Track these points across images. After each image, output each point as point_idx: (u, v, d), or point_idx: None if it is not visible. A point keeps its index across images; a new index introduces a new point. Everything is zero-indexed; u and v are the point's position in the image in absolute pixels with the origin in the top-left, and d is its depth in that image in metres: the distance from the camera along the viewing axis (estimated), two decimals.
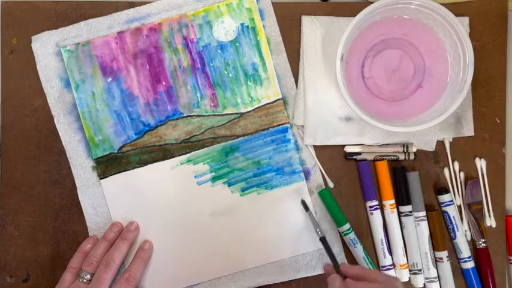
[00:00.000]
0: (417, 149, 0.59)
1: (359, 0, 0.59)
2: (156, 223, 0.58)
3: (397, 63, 0.58)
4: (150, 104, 0.59)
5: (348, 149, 0.59)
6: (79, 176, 0.59)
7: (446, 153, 0.59)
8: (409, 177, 0.58)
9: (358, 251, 0.57)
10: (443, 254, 0.58)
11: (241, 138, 0.59)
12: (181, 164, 0.59)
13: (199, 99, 0.59)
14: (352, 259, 0.58)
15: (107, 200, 0.59)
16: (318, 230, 0.56)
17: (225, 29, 0.59)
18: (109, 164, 0.59)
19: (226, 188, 0.59)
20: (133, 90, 0.59)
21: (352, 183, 0.59)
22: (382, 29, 0.58)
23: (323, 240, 0.55)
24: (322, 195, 0.58)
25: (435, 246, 0.58)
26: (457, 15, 0.55)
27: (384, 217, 0.58)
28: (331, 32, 0.59)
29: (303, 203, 0.58)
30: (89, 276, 0.54)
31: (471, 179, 0.59)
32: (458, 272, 0.59)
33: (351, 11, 0.59)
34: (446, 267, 0.58)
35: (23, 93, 0.59)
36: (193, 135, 0.59)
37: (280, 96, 0.59)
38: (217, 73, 0.59)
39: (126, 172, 0.59)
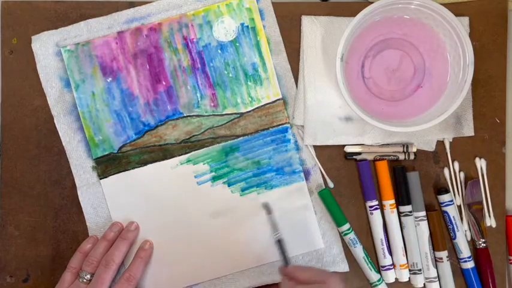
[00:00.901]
0: (417, 149, 0.59)
1: (359, 0, 0.59)
2: (156, 223, 0.59)
3: (397, 63, 0.58)
4: (150, 104, 0.59)
5: (348, 149, 0.59)
6: (79, 176, 0.59)
7: (446, 153, 0.59)
8: (409, 177, 0.58)
9: (358, 251, 0.57)
10: (443, 254, 0.58)
11: (241, 138, 0.59)
12: (181, 164, 0.59)
13: (199, 99, 0.59)
14: (352, 259, 0.58)
15: (107, 200, 0.59)
16: (276, 233, 0.56)
17: (225, 29, 0.59)
18: (109, 164, 0.59)
19: (226, 188, 0.59)
20: (134, 90, 0.59)
21: (352, 183, 0.59)
22: (382, 29, 0.58)
23: (279, 242, 0.55)
24: (322, 195, 0.58)
25: (435, 246, 0.58)
26: (457, 15, 0.55)
27: (384, 217, 0.58)
28: (331, 32, 0.59)
29: (266, 206, 0.58)
30: (89, 276, 0.54)
31: (471, 179, 0.59)
32: (458, 272, 0.59)
33: (351, 11, 0.59)
34: (446, 267, 0.58)
35: (23, 93, 0.59)
36: (193, 135, 0.59)
37: (280, 96, 0.59)
38: (217, 73, 0.59)
39: (126, 172, 0.59)
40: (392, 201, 0.58)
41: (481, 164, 0.59)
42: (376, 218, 0.58)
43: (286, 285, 0.49)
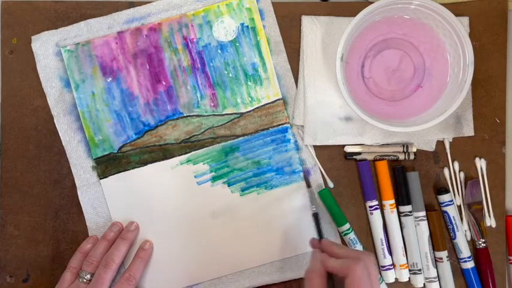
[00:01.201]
0: (417, 149, 0.59)
1: (359, 0, 0.59)
2: (156, 223, 0.59)
3: (397, 63, 0.58)
4: (150, 104, 0.59)
5: (348, 149, 0.59)
6: (79, 175, 0.59)
7: (446, 153, 0.59)
8: (409, 177, 0.58)
9: None
10: (443, 254, 0.58)
11: (241, 138, 0.59)
12: (181, 164, 0.59)
13: (199, 99, 0.59)
14: None
15: (107, 200, 0.59)
16: (313, 206, 0.56)
17: (225, 29, 0.59)
18: (109, 164, 0.59)
19: (226, 188, 0.59)
20: (133, 90, 0.59)
21: (352, 183, 0.59)
22: (382, 29, 0.58)
23: (315, 216, 0.56)
24: (322, 195, 0.58)
25: (435, 246, 0.58)
26: (457, 15, 0.55)
27: (384, 217, 0.58)
28: (331, 32, 0.59)
29: (307, 179, 0.58)
30: (88, 276, 0.54)
31: (471, 179, 0.59)
32: (458, 272, 0.59)
33: (351, 11, 0.59)
34: (446, 267, 0.58)
35: (23, 93, 0.59)
36: (193, 135, 0.59)
37: (280, 96, 0.59)
38: (217, 73, 0.59)
39: (126, 172, 0.59)
40: (392, 201, 0.58)
41: (481, 164, 0.59)
42: (376, 218, 0.58)
43: (318, 257, 0.49)
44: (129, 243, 0.57)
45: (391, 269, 0.58)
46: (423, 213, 0.58)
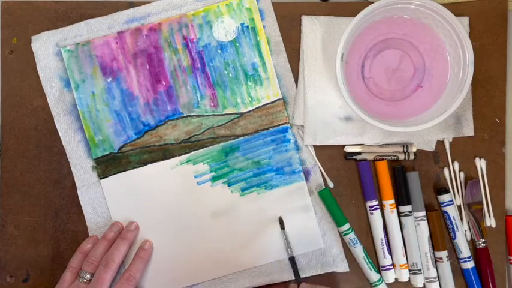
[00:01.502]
0: (417, 149, 0.59)
1: (359, 0, 0.59)
2: (156, 223, 0.59)
3: (397, 63, 0.58)
4: (150, 104, 0.59)
5: (348, 149, 0.59)
6: (79, 175, 0.59)
7: (446, 153, 0.59)
8: (409, 177, 0.58)
9: (358, 251, 0.57)
10: (443, 254, 0.58)
11: (241, 138, 0.59)
12: (181, 164, 0.59)
13: (199, 99, 0.59)
14: (352, 259, 0.58)
15: (106, 200, 0.59)
16: (288, 249, 0.57)
17: (225, 29, 0.59)
18: (109, 164, 0.59)
19: (226, 188, 0.59)
20: (133, 90, 0.59)
21: (352, 183, 0.59)
22: (382, 29, 0.58)
23: (291, 260, 0.57)
24: (322, 195, 0.58)
25: (435, 246, 0.58)
26: (457, 15, 0.55)
27: (384, 217, 0.58)
28: (331, 32, 0.59)
29: (280, 221, 0.58)
30: (88, 276, 0.54)
31: (471, 179, 0.59)
32: (458, 272, 0.59)
33: (351, 11, 0.59)
34: (446, 267, 0.58)
35: (23, 93, 0.59)
36: (193, 135, 0.59)
37: (280, 96, 0.59)
38: (217, 73, 0.59)
39: (126, 172, 0.59)
40: (392, 201, 0.58)
41: (481, 164, 0.59)
42: (376, 218, 0.58)
43: None
44: (129, 243, 0.57)
45: (391, 269, 0.58)
46: (423, 213, 0.58)
